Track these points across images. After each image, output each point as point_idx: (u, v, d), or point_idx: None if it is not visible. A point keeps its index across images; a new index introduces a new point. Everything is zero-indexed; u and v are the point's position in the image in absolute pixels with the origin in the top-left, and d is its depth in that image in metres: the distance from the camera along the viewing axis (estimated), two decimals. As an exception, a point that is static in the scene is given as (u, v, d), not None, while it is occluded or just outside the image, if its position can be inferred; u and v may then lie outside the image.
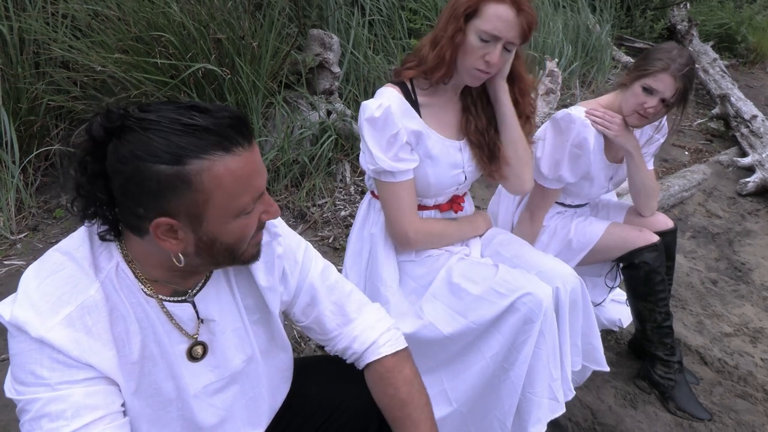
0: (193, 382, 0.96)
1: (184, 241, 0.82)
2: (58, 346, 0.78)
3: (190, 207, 0.79)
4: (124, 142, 0.76)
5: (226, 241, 0.85)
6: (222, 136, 0.78)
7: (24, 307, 0.79)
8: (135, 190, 0.77)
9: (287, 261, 1.06)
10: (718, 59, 5.00)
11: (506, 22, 1.30)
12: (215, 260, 0.87)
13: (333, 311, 1.11)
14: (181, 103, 0.80)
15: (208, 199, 0.79)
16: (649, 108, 1.64)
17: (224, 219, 0.82)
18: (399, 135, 1.39)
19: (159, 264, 0.87)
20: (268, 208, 0.89)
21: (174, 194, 0.77)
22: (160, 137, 0.76)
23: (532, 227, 1.84)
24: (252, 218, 0.86)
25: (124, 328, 0.87)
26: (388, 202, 1.47)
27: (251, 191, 0.83)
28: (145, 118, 0.77)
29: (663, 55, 1.63)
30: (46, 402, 0.78)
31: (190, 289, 0.94)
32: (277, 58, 2.86)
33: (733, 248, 3.02)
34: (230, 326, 1.00)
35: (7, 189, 2.41)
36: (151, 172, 0.76)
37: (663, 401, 1.94)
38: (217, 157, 0.78)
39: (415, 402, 1.07)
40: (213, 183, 0.78)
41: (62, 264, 0.83)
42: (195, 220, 0.81)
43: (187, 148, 0.76)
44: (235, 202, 0.82)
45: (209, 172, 0.78)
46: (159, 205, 0.78)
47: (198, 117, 0.78)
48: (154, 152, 0.75)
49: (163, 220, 0.79)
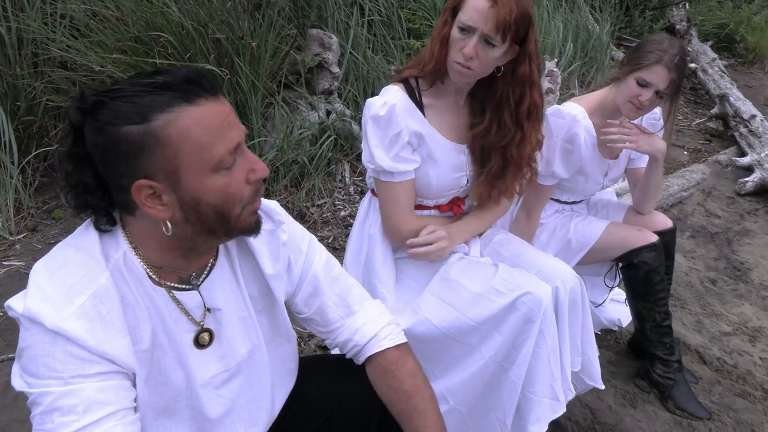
0: (200, 371, 0.96)
1: (170, 205, 0.82)
2: (74, 337, 0.78)
3: (163, 164, 0.80)
4: (98, 116, 0.79)
5: (211, 200, 0.83)
6: (182, 90, 0.80)
7: (37, 299, 0.79)
8: (112, 158, 0.79)
9: (292, 250, 1.06)
10: (716, 59, 5.01)
11: (481, 14, 1.28)
12: (207, 226, 0.86)
13: (336, 302, 1.11)
14: (144, 72, 0.83)
15: (178, 152, 0.80)
16: (644, 100, 1.65)
17: (200, 174, 0.82)
18: (401, 135, 1.39)
19: (159, 245, 0.87)
20: (253, 165, 0.87)
21: (145, 153, 0.78)
22: (126, 102, 0.78)
23: (529, 225, 1.84)
24: (235, 175, 0.85)
25: (134, 316, 0.87)
26: (385, 200, 1.47)
27: (223, 141, 0.82)
28: (112, 88, 0.80)
29: (655, 46, 1.63)
30: (58, 396, 0.78)
31: (194, 273, 0.94)
32: (277, 58, 2.86)
33: (732, 248, 3.02)
34: (236, 315, 1.00)
35: (5, 189, 2.40)
36: (121, 134, 0.78)
37: (662, 400, 1.94)
38: (181, 109, 0.79)
39: (420, 393, 1.08)
40: (181, 135, 0.79)
41: (71, 255, 0.84)
42: (172, 177, 0.81)
43: (150, 105, 0.78)
44: (207, 154, 0.81)
45: (175, 125, 0.79)
46: (135, 167, 0.79)
47: (158, 77, 0.80)
48: (122, 115, 0.78)
49: (142, 182, 0.80)
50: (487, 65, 1.36)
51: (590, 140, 1.74)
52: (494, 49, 1.32)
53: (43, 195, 2.58)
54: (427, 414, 1.06)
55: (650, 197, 1.88)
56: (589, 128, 1.72)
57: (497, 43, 1.31)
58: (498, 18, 1.28)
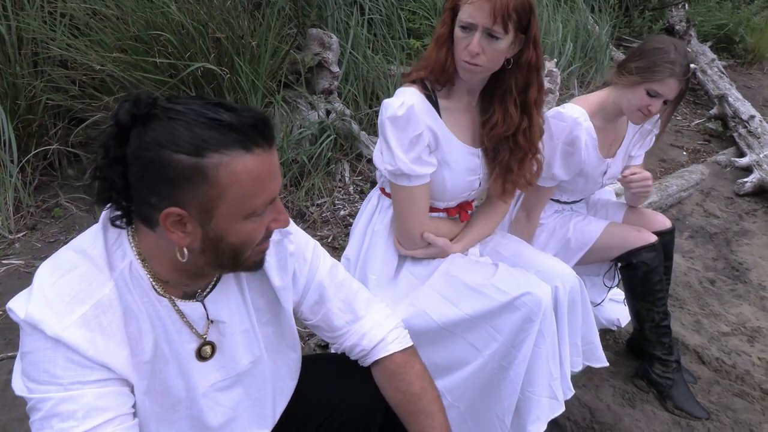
0: (201, 381, 0.96)
1: (192, 234, 0.82)
2: (74, 346, 0.79)
3: (202, 200, 0.79)
4: (148, 129, 0.77)
5: (232, 241, 0.84)
6: (244, 134, 0.79)
7: (39, 305, 0.79)
8: (152, 177, 0.78)
9: (297, 259, 1.06)
10: (716, 60, 5.01)
11: (479, 8, 1.27)
12: (219, 261, 0.87)
13: (341, 309, 1.11)
14: (209, 99, 0.81)
15: (222, 194, 0.79)
16: (654, 110, 1.66)
17: (234, 218, 0.82)
18: (422, 136, 1.37)
19: (168, 262, 0.87)
20: (278, 215, 0.88)
21: (189, 185, 0.78)
22: (183, 128, 0.77)
23: (529, 226, 1.84)
24: (261, 223, 0.86)
25: (137, 327, 0.87)
26: (401, 204, 1.46)
27: (265, 194, 0.83)
28: (172, 108, 0.78)
29: (664, 58, 1.61)
30: (58, 402, 0.79)
31: (199, 290, 0.95)
32: (276, 57, 2.86)
33: (730, 248, 3.02)
34: (239, 328, 1.00)
35: (5, 188, 2.40)
36: (170, 160, 0.76)
37: (661, 400, 1.94)
38: (237, 155, 0.78)
39: (428, 395, 1.08)
40: (229, 179, 0.79)
41: (77, 262, 0.84)
42: (205, 214, 0.81)
43: (208, 141, 0.77)
44: (247, 202, 0.82)
45: (227, 168, 0.78)
46: (173, 194, 0.78)
47: (224, 113, 0.79)
48: (176, 141, 0.76)
49: (173, 210, 0.79)
50: (496, 58, 1.34)
51: (591, 142, 1.74)
52: (499, 41, 1.31)
53: (42, 194, 2.58)
54: (435, 415, 1.07)
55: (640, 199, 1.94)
56: (590, 130, 1.72)
57: (500, 34, 1.30)
58: (497, 9, 1.26)
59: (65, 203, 2.53)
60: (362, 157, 2.99)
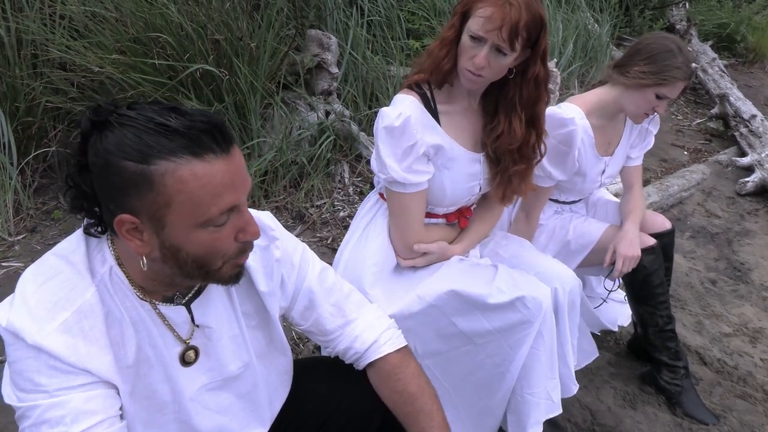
0: (188, 385, 0.95)
1: (149, 243, 0.80)
2: (55, 353, 0.78)
3: (151, 208, 0.77)
4: (102, 136, 0.76)
5: (192, 251, 0.81)
6: (192, 140, 0.76)
7: (20, 313, 0.79)
8: (104, 185, 0.78)
9: (284, 266, 1.05)
10: (716, 59, 5.00)
11: (492, 24, 1.25)
12: (185, 271, 0.84)
13: (332, 313, 1.11)
14: (164, 104, 0.79)
15: (170, 202, 0.77)
16: (661, 111, 1.67)
17: (187, 227, 0.79)
18: (416, 147, 1.36)
19: (138, 269, 0.85)
20: (245, 226, 0.83)
21: (136, 192, 0.76)
22: (132, 134, 0.75)
23: (528, 226, 1.83)
24: (224, 233, 0.82)
25: (120, 331, 0.87)
26: (396, 211, 1.46)
27: (220, 202, 0.79)
28: (126, 114, 0.77)
29: (675, 62, 1.60)
30: (46, 408, 0.79)
31: (177, 293, 0.93)
32: (275, 58, 2.86)
33: (732, 248, 3.01)
34: (227, 333, 0.99)
35: (5, 191, 2.40)
36: (118, 167, 0.75)
37: (670, 407, 1.92)
38: (184, 161, 0.75)
39: (425, 394, 1.08)
40: (175, 187, 0.76)
41: (58, 268, 0.83)
42: (157, 223, 0.79)
43: (154, 148, 0.75)
44: (198, 211, 0.78)
45: (173, 175, 0.75)
46: (123, 201, 0.77)
47: (173, 118, 0.76)
48: (123, 148, 0.75)
49: (126, 217, 0.78)
50: (499, 72, 1.34)
51: (588, 140, 1.73)
52: (506, 57, 1.30)
53: (42, 196, 2.58)
54: (433, 414, 1.06)
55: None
56: (587, 128, 1.71)
57: (508, 51, 1.29)
58: (509, 28, 1.24)
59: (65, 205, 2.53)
60: (362, 158, 2.99)
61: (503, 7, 1.24)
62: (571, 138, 1.67)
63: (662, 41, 1.67)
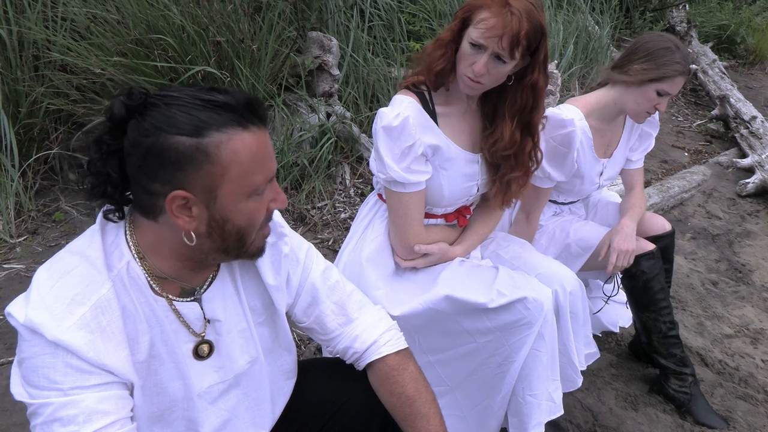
0: (198, 381, 0.96)
1: (198, 218, 0.84)
2: (74, 349, 0.79)
3: (206, 180, 0.81)
4: (146, 117, 0.80)
5: (237, 222, 0.86)
6: (239, 113, 0.82)
7: (38, 309, 0.80)
8: (153, 163, 0.80)
9: (291, 262, 1.06)
10: (717, 60, 5.00)
11: (492, 32, 1.25)
12: (225, 245, 0.88)
13: (334, 311, 1.11)
14: (201, 86, 0.84)
15: (225, 172, 0.81)
16: (662, 109, 1.66)
17: (237, 196, 0.84)
18: (414, 147, 1.37)
19: (170, 253, 0.88)
20: (276, 195, 0.91)
21: (192, 166, 0.80)
22: (181, 111, 0.79)
23: (529, 227, 1.83)
24: (263, 202, 0.88)
25: (134, 327, 0.87)
26: (395, 211, 1.46)
27: (264, 171, 0.86)
28: (167, 94, 0.81)
29: (673, 57, 1.62)
30: (59, 407, 0.79)
31: (198, 287, 0.95)
32: (277, 60, 2.86)
33: (733, 249, 3.01)
34: (235, 327, 1.00)
35: (6, 193, 2.40)
36: (171, 143, 0.78)
37: (680, 415, 1.91)
38: (235, 132, 0.81)
39: (423, 397, 1.08)
40: (230, 157, 0.81)
41: (74, 263, 0.84)
42: (210, 194, 0.82)
43: (207, 122, 0.80)
44: (249, 179, 0.84)
45: (227, 146, 0.81)
46: (176, 177, 0.80)
47: (218, 95, 0.82)
48: (176, 124, 0.79)
49: (179, 193, 0.80)
50: (498, 79, 1.34)
51: (587, 142, 1.74)
52: (505, 65, 1.30)
53: (43, 198, 2.58)
54: (431, 418, 1.06)
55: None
56: (586, 130, 1.72)
57: (507, 59, 1.29)
58: (510, 37, 1.24)
59: (66, 207, 2.54)
60: (363, 160, 2.99)
61: (504, 16, 1.24)
62: (570, 139, 1.67)
63: (659, 39, 1.68)
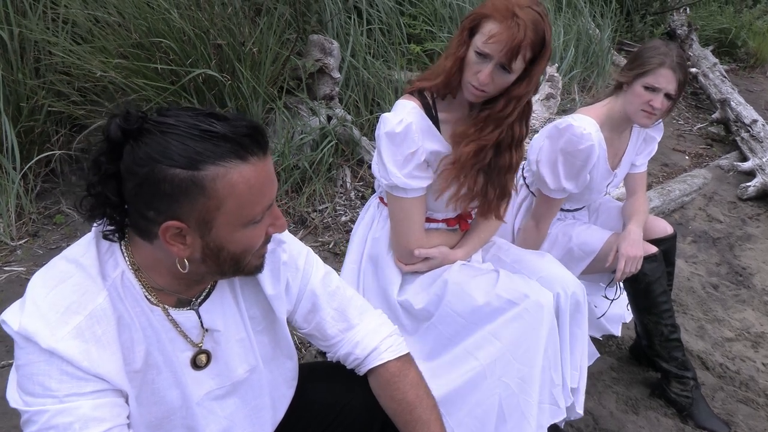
0: (196, 389, 0.96)
1: (191, 246, 0.83)
2: (68, 358, 0.78)
3: (201, 212, 0.79)
4: (141, 144, 0.77)
5: (233, 250, 0.85)
6: (238, 144, 0.79)
7: (33, 317, 0.79)
8: (148, 193, 0.78)
9: (290, 269, 1.05)
10: (717, 64, 5.01)
11: (498, 43, 1.25)
12: (221, 269, 0.87)
13: (334, 317, 1.11)
14: (200, 110, 0.81)
15: (220, 205, 0.80)
16: (656, 105, 1.65)
17: (233, 227, 0.83)
18: (417, 153, 1.37)
19: (166, 271, 0.87)
20: (275, 221, 0.89)
21: (187, 198, 0.78)
22: (177, 141, 0.76)
23: (538, 235, 1.83)
24: (260, 229, 0.87)
25: (129, 336, 0.87)
26: (397, 216, 1.46)
27: (263, 201, 0.84)
28: (163, 121, 0.78)
29: (654, 52, 1.64)
30: (54, 414, 0.78)
31: (193, 298, 0.94)
32: (277, 63, 2.87)
33: (734, 253, 3.01)
34: (234, 336, 1.00)
35: (7, 195, 2.40)
36: (166, 175, 0.76)
37: (682, 419, 1.90)
38: (233, 165, 0.79)
39: (424, 404, 1.07)
40: (226, 190, 0.79)
41: (69, 272, 0.83)
42: (204, 225, 0.81)
43: (203, 154, 0.77)
44: (245, 211, 0.82)
45: (224, 179, 0.78)
46: (170, 208, 0.78)
47: (216, 124, 0.79)
48: (171, 155, 0.76)
49: (172, 223, 0.79)
50: (502, 87, 1.35)
51: (602, 154, 1.73)
52: (509, 75, 1.31)
53: (44, 200, 2.58)
54: (431, 425, 1.06)
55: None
56: (602, 142, 1.71)
57: (512, 70, 1.30)
58: (515, 47, 1.25)
59: (67, 210, 2.53)
60: (363, 163, 2.99)
61: (511, 27, 1.24)
62: (589, 154, 1.66)
63: (651, 43, 1.71)
